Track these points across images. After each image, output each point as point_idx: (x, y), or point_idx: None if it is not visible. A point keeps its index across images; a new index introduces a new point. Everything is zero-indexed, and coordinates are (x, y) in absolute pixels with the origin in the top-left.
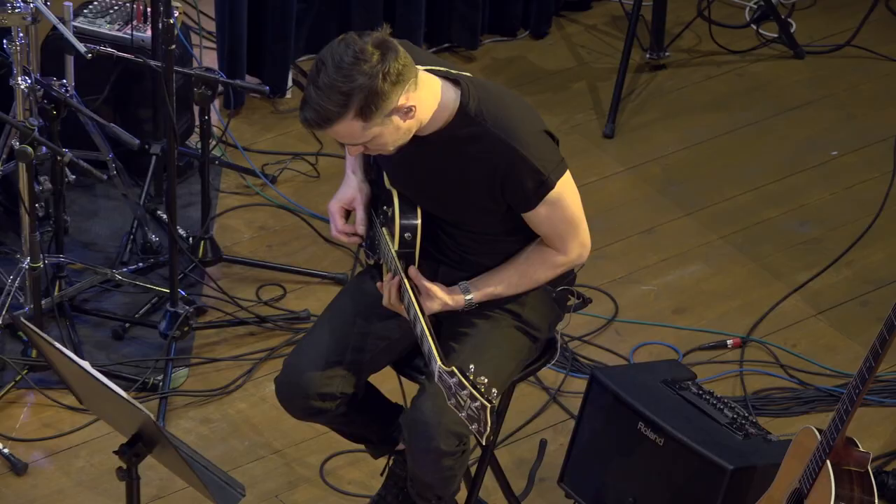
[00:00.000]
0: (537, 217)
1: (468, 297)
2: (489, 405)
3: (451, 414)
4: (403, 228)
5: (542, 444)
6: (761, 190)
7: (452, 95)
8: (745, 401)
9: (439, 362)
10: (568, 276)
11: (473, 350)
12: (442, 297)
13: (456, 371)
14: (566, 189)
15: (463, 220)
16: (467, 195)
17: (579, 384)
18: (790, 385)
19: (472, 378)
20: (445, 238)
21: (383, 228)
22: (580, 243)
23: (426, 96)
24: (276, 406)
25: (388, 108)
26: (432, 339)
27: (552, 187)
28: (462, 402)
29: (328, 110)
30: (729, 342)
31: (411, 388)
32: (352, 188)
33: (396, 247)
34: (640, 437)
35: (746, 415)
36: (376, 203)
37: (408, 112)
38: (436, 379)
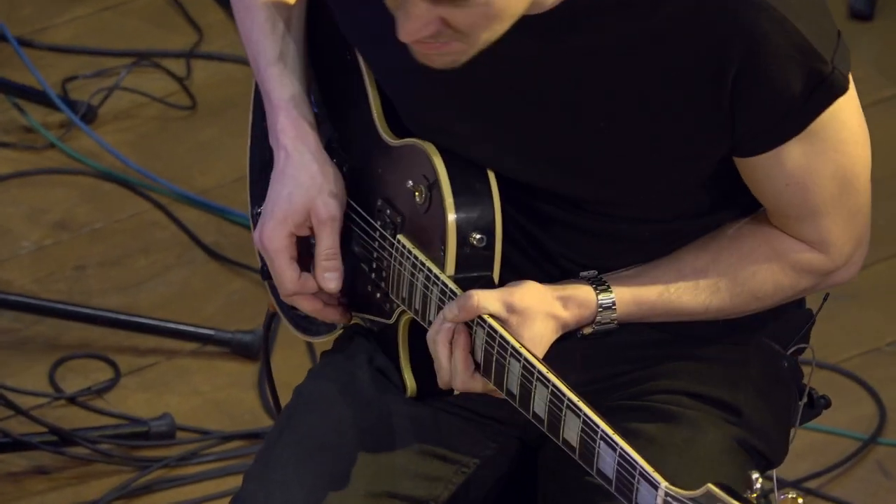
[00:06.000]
0: (781, 166)
1: (604, 298)
2: None
3: None
4: (466, 226)
5: None
6: None
7: None
8: None
9: (664, 483)
10: (799, 318)
11: None
12: (547, 305)
13: (720, 493)
14: (852, 102)
15: (616, 192)
16: (636, 132)
17: None
18: None
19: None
20: (560, 232)
21: (402, 238)
22: (856, 236)
23: None
24: None
25: None
26: (616, 431)
27: (842, 88)
28: None
29: None
30: None
31: None
32: (304, 181)
33: (452, 269)
34: None
35: None
36: (363, 186)
37: None
38: None
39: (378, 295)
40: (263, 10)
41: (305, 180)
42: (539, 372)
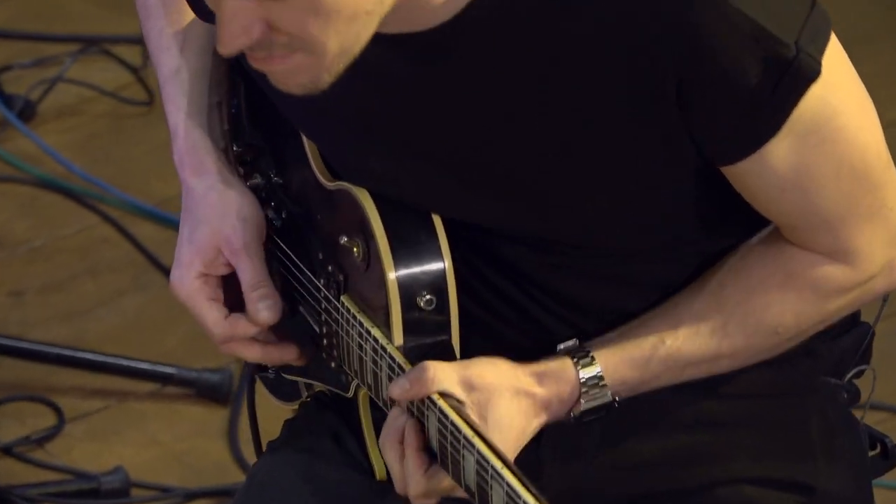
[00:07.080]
0: (771, 169)
1: (586, 371)
2: None
3: None
4: (411, 286)
5: None
6: None
7: None
8: None
9: None
10: (856, 338)
11: None
12: (514, 380)
13: None
14: (842, 81)
15: (578, 224)
16: (582, 159)
17: None
18: None
19: None
20: (533, 280)
21: (345, 299)
22: (888, 237)
23: None
24: None
25: None
26: None
27: (813, 73)
28: None
29: None
30: None
31: None
32: (204, 215)
33: (400, 338)
34: None
35: None
36: (305, 237)
37: None
38: None
39: (332, 364)
40: (160, 19)
41: (205, 213)
42: (493, 468)
